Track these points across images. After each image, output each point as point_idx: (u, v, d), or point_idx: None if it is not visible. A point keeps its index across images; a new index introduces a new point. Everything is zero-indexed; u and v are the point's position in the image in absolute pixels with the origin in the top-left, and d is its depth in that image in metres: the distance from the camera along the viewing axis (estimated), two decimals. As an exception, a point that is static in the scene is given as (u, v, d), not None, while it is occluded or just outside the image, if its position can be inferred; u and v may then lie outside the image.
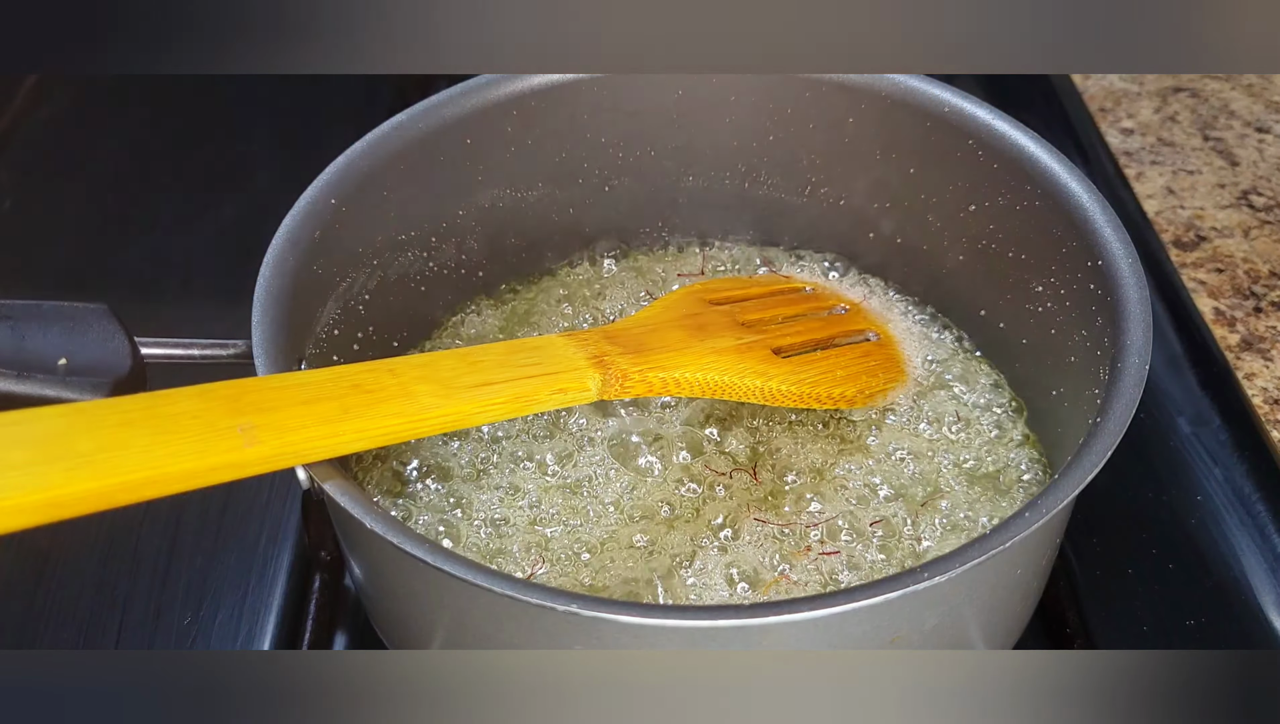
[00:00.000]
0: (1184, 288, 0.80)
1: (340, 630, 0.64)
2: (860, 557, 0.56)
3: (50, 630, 0.62)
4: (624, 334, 0.58)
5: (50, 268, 0.84)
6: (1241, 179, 0.89)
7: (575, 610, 0.42)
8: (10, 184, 0.91)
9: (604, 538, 0.57)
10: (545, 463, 0.60)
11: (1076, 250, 0.57)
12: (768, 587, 0.55)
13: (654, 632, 0.43)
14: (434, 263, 0.66)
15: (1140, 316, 0.52)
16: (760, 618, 0.42)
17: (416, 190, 0.63)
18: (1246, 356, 0.76)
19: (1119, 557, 0.65)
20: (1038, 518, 0.45)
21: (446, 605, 0.49)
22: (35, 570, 0.64)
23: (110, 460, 0.41)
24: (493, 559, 0.57)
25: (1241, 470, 0.68)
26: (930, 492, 0.59)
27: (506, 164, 0.66)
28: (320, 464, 0.47)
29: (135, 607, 0.63)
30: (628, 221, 0.72)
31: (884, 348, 0.66)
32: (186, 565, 0.65)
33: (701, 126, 0.69)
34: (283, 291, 0.54)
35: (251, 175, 0.91)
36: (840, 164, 0.68)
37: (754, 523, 0.58)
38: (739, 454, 0.61)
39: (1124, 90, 0.98)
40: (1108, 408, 0.49)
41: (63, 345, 0.54)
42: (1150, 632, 0.61)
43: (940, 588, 0.44)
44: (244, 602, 0.63)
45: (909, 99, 0.63)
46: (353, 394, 0.48)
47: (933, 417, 0.63)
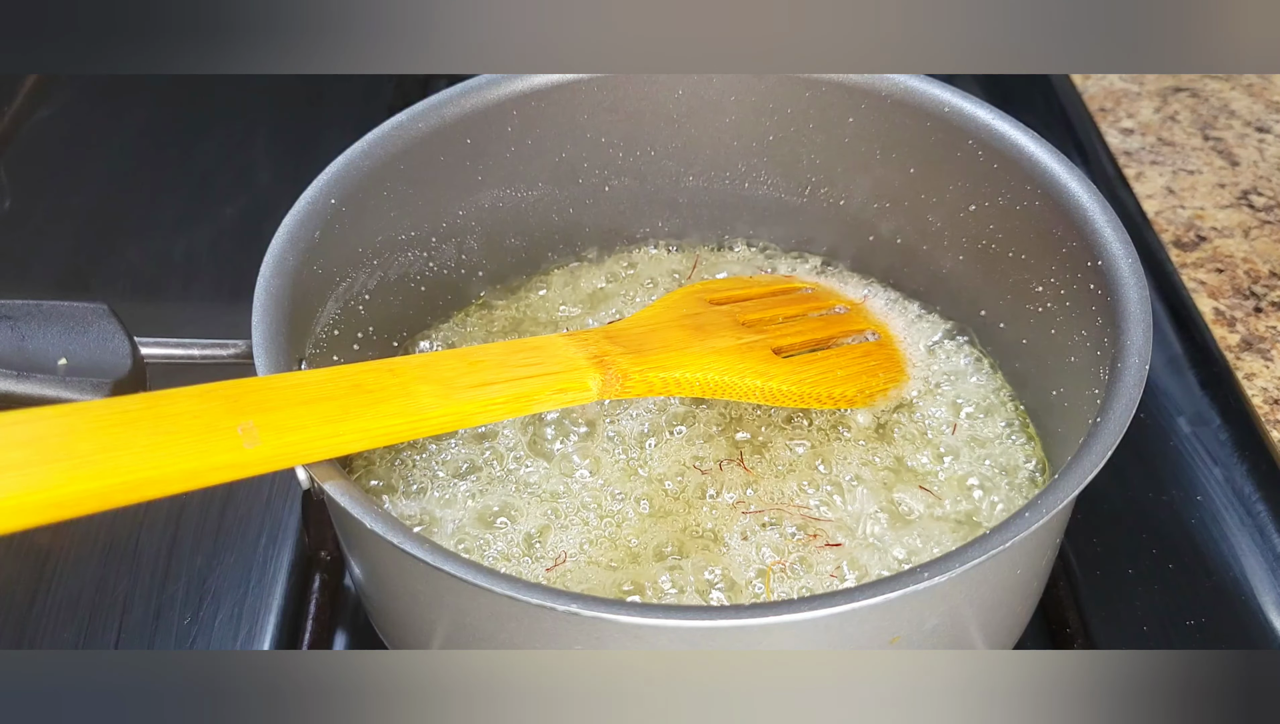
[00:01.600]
0: (1184, 288, 0.80)
1: (340, 630, 0.64)
2: (860, 556, 0.56)
3: (50, 630, 0.62)
4: (624, 334, 0.58)
5: (50, 268, 0.84)
6: (1241, 179, 0.89)
7: (575, 610, 0.42)
8: (10, 184, 0.91)
9: (603, 538, 0.57)
10: (542, 462, 0.60)
11: (1076, 250, 0.57)
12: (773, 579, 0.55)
13: (654, 632, 0.43)
14: (434, 263, 0.66)
15: (1140, 317, 0.52)
16: (760, 618, 0.42)
17: (416, 190, 0.63)
18: (1246, 356, 0.76)
19: (1119, 557, 0.65)
20: (1038, 518, 0.45)
21: (446, 605, 0.49)
22: (35, 570, 0.64)
23: (110, 460, 0.41)
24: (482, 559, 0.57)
25: (1241, 470, 0.68)
26: (930, 491, 0.59)
27: (506, 164, 0.66)
28: (320, 464, 0.47)
29: (135, 607, 0.63)
30: (628, 221, 0.72)
31: (884, 348, 0.66)
32: (186, 565, 0.65)
33: (701, 126, 0.69)
34: (283, 291, 0.54)
35: (251, 175, 0.91)
36: (840, 164, 0.68)
37: (753, 522, 0.58)
38: (737, 452, 0.61)
39: (1124, 90, 0.98)
40: (1108, 408, 0.49)
41: (63, 345, 0.54)
42: (1150, 632, 0.61)
43: (940, 588, 0.44)
44: (244, 602, 0.63)
45: (909, 99, 0.63)
46: (353, 394, 0.48)
47: (932, 416, 0.63)
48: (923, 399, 0.64)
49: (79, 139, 0.96)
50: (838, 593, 0.43)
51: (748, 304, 0.64)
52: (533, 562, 0.56)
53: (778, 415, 0.63)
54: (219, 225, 0.86)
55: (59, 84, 1.00)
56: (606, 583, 0.56)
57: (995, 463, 0.61)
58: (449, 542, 0.57)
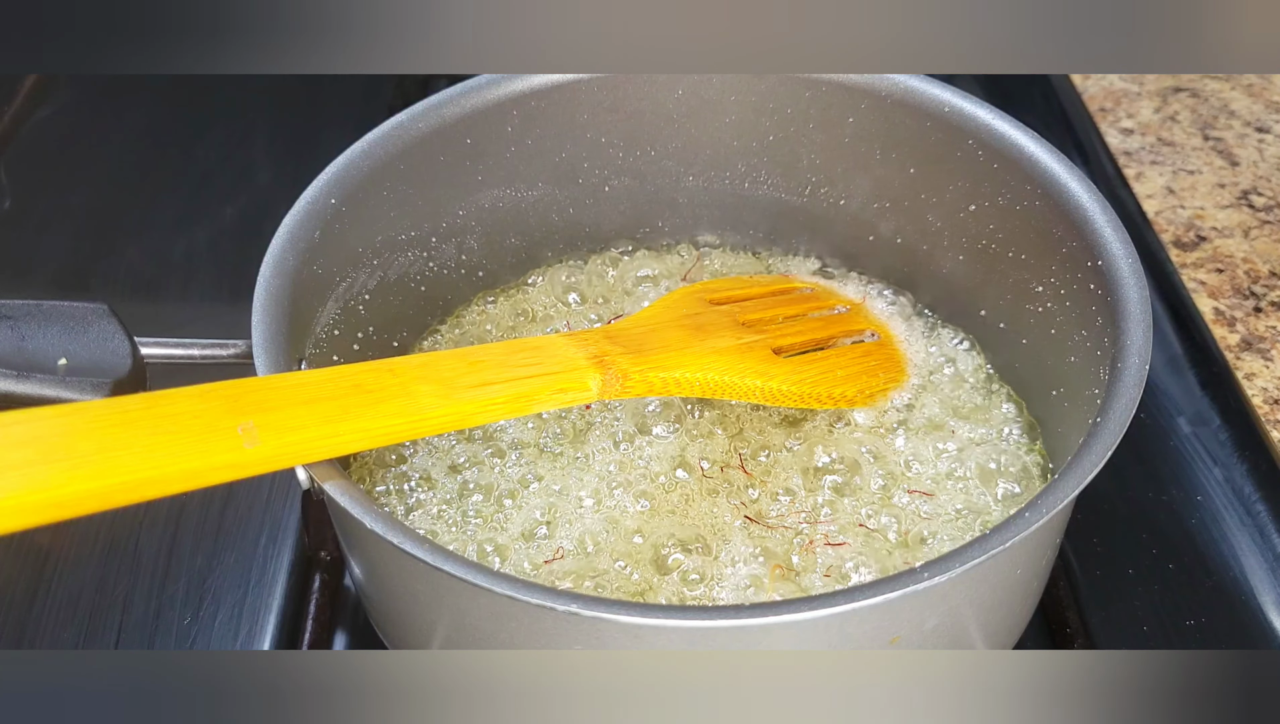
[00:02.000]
0: (1184, 288, 0.80)
1: (340, 630, 0.64)
2: (860, 556, 0.56)
3: (50, 630, 0.62)
4: (624, 334, 0.58)
5: (50, 268, 0.84)
6: (1241, 179, 0.89)
7: (575, 610, 0.42)
8: (10, 184, 0.91)
9: (602, 538, 0.57)
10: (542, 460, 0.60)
11: (1076, 250, 0.57)
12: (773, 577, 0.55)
13: (654, 632, 0.43)
14: (434, 263, 0.66)
15: (1140, 317, 0.52)
16: (760, 618, 0.42)
17: (416, 190, 0.63)
18: (1246, 356, 0.76)
19: (1119, 557, 0.65)
20: (1038, 518, 0.45)
21: (446, 605, 0.49)
22: (35, 570, 0.64)
23: (110, 460, 0.41)
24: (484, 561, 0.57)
25: (1241, 470, 0.68)
26: (929, 491, 0.59)
27: (506, 164, 0.66)
28: (320, 464, 0.47)
29: (135, 607, 0.63)
30: (627, 221, 0.72)
31: (884, 347, 0.66)
32: (186, 565, 0.65)
33: (701, 126, 0.69)
34: (283, 291, 0.54)
35: (251, 175, 0.91)
36: (840, 164, 0.68)
37: (753, 522, 0.58)
38: (737, 453, 0.61)
39: (1124, 90, 0.98)
40: (1108, 408, 0.49)
41: (63, 345, 0.54)
42: (1150, 632, 0.61)
43: (940, 588, 0.44)
44: (244, 602, 0.63)
45: (909, 99, 0.63)
46: (353, 394, 0.48)
47: (932, 416, 0.63)
48: (922, 399, 0.64)
49: (79, 139, 0.96)
50: (838, 593, 0.43)
51: (748, 304, 0.64)
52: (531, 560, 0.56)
53: (778, 415, 0.63)
54: (219, 225, 0.86)
55: (59, 84, 1.00)
56: (606, 583, 0.55)
57: (995, 463, 0.61)
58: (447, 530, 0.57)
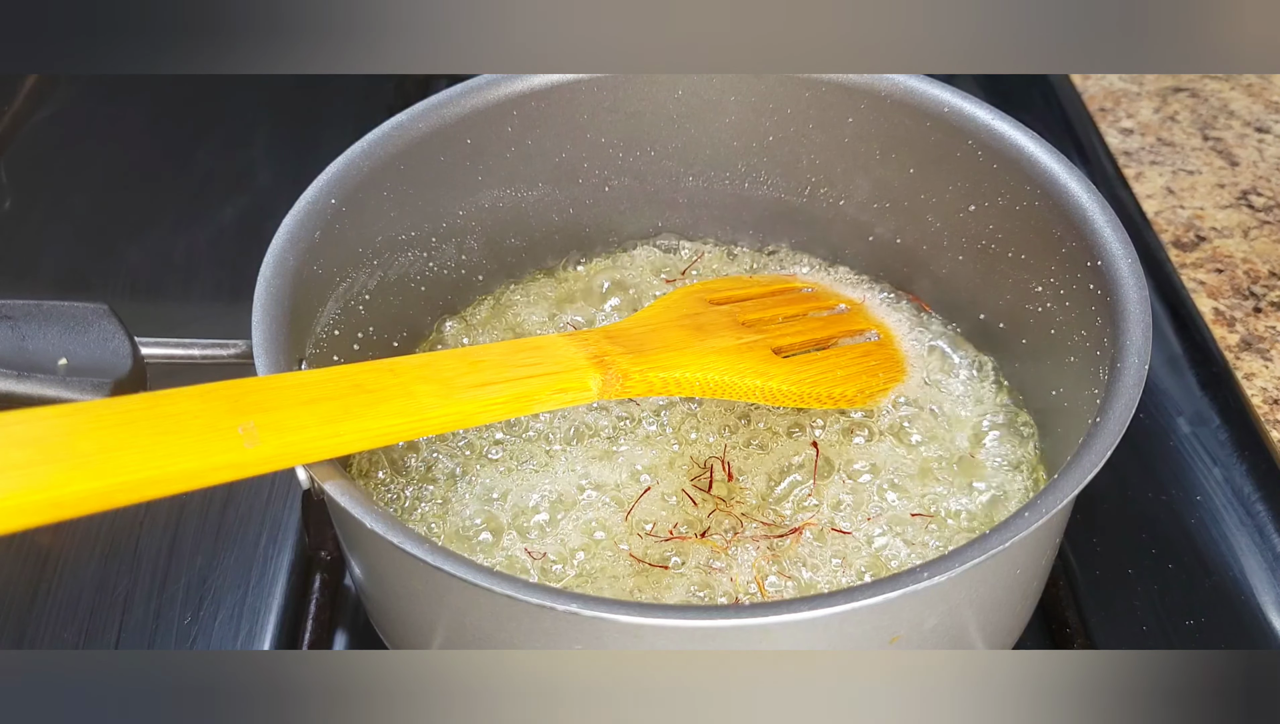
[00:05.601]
0: (1184, 288, 0.80)
1: (340, 630, 0.64)
2: (860, 556, 0.56)
3: (50, 630, 0.62)
4: (624, 334, 0.58)
5: (50, 268, 0.84)
6: (1241, 179, 0.89)
7: (575, 610, 0.42)
8: (10, 184, 0.91)
9: (602, 537, 0.57)
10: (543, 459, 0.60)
11: (1076, 250, 0.57)
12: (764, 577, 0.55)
13: (654, 632, 0.43)
14: (434, 263, 0.66)
15: (1140, 317, 0.52)
16: (760, 618, 0.42)
17: (416, 190, 0.63)
18: (1246, 356, 0.76)
19: (1119, 557, 0.65)
20: (1038, 518, 0.45)
21: (446, 605, 0.49)
22: (35, 570, 0.64)
23: (110, 460, 0.41)
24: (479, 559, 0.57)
25: (1241, 470, 0.68)
26: (929, 491, 0.59)
27: (506, 164, 0.66)
28: (320, 464, 0.47)
29: (135, 607, 0.63)
30: (628, 222, 0.72)
31: (884, 347, 0.66)
32: (186, 565, 0.65)
33: (701, 126, 0.69)
34: (283, 291, 0.54)
35: (251, 175, 0.91)
36: (840, 164, 0.68)
37: (753, 522, 0.58)
38: (737, 452, 0.61)
39: (1124, 90, 0.98)
40: (1108, 408, 0.49)
41: (63, 345, 0.54)
42: (1150, 632, 0.62)
43: (940, 588, 0.44)
44: (244, 602, 0.63)
45: (909, 99, 0.63)
46: (353, 394, 0.48)
47: (932, 416, 0.63)
48: (922, 399, 0.64)
49: (79, 139, 0.96)
50: (838, 593, 0.43)
51: (748, 304, 0.64)
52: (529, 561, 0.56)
53: (777, 415, 0.63)
54: (219, 225, 0.86)
55: (59, 84, 1.00)
56: (606, 583, 0.55)
57: (995, 462, 0.61)
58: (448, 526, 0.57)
